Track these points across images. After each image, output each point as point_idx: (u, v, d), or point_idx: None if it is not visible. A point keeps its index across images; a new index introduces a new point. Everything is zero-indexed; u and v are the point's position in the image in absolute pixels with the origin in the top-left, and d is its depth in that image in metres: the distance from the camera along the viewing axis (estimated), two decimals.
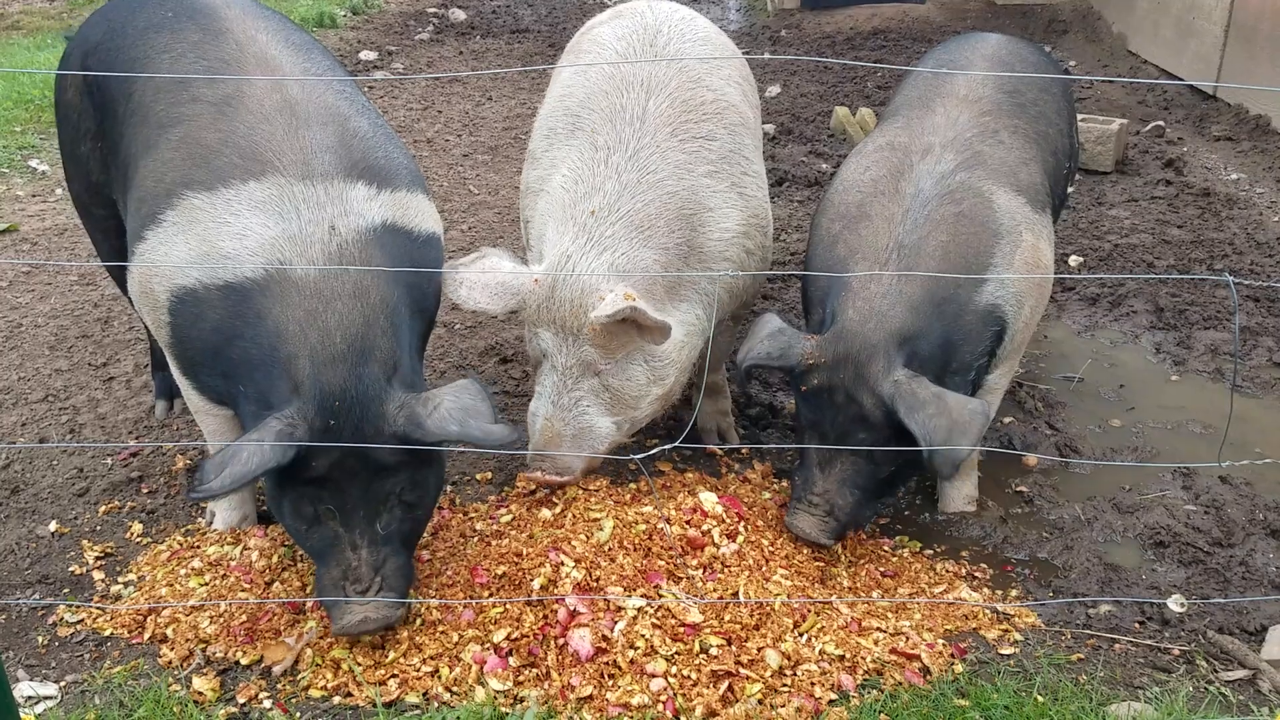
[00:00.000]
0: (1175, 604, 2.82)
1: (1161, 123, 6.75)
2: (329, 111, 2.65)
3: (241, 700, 2.44)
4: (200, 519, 3.09)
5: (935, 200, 2.90)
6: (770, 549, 2.78)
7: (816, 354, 2.78)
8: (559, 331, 2.77)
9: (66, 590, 2.83)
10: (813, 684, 2.43)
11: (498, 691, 2.38)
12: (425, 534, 2.97)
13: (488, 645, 2.47)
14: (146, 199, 2.59)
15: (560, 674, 2.40)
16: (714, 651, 2.44)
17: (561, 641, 2.44)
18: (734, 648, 2.46)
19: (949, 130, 3.09)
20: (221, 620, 2.63)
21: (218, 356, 2.53)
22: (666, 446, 2.73)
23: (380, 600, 2.47)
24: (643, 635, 2.44)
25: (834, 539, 2.84)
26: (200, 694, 2.44)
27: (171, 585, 2.76)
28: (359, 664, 2.48)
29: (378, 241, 2.53)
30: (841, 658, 2.52)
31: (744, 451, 3.48)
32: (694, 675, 2.40)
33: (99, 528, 3.08)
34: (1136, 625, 2.78)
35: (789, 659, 2.47)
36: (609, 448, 2.87)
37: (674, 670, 2.40)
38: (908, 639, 2.60)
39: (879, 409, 2.71)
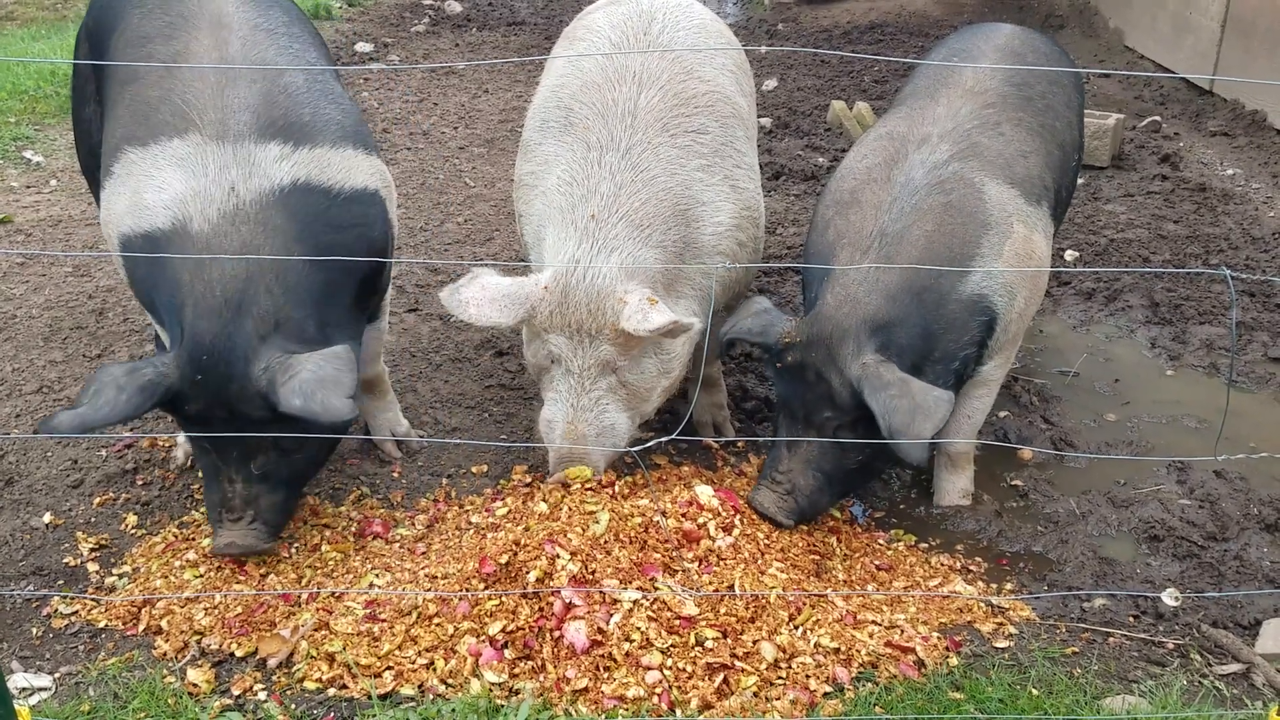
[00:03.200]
0: (1170, 598, 2.82)
1: (1158, 118, 6.75)
2: (262, 68, 2.76)
3: (236, 692, 2.44)
4: (195, 511, 3.09)
5: (924, 190, 2.91)
6: (765, 542, 2.78)
7: (794, 333, 2.85)
8: (574, 335, 2.78)
9: (61, 582, 2.82)
10: (808, 677, 2.44)
11: (493, 683, 2.38)
12: (420, 527, 2.98)
13: (483, 637, 2.47)
14: (106, 153, 2.76)
15: (556, 666, 2.40)
16: (709, 644, 2.44)
17: (557, 634, 2.44)
18: (729, 640, 2.47)
19: (949, 121, 3.09)
20: (216, 612, 2.63)
21: (154, 303, 2.68)
22: (662, 439, 2.75)
23: (250, 529, 2.66)
24: (638, 628, 2.44)
25: (792, 519, 2.87)
26: (195, 686, 2.44)
27: (166, 577, 2.76)
28: (354, 656, 2.48)
29: (281, 202, 2.64)
30: (836, 650, 2.52)
31: (740, 445, 3.48)
32: (689, 668, 2.40)
33: (94, 519, 3.08)
34: (1131, 619, 2.78)
35: (784, 652, 2.48)
36: (628, 443, 2.88)
37: (669, 663, 2.40)
38: (903, 632, 2.61)
39: (845, 389, 2.77)
